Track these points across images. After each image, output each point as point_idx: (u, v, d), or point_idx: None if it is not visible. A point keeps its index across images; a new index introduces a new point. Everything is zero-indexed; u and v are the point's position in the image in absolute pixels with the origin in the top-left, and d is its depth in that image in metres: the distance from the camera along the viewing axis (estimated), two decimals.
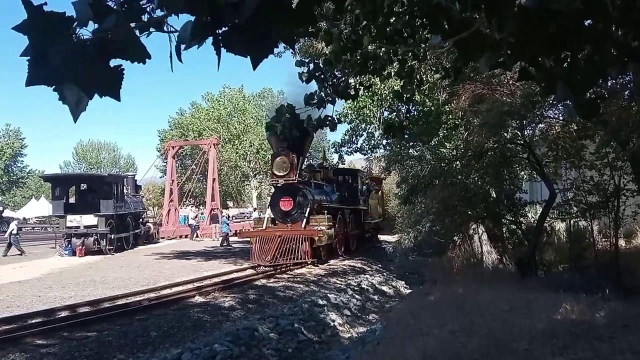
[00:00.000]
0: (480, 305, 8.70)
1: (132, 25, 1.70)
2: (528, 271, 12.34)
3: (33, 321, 9.89)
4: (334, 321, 11.54)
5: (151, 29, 1.77)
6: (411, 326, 8.48)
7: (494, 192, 14.72)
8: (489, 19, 2.20)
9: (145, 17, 1.78)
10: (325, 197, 20.53)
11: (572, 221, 14.06)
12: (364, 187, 25.88)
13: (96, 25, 1.66)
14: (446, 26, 2.28)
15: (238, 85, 62.98)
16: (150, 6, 1.77)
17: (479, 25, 2.21)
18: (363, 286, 15.55)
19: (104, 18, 1.62)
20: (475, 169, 13.82)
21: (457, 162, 14.25)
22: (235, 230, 27.14)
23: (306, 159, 26.73)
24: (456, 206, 14.25)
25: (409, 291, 16.75)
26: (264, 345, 9.13)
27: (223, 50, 1.80)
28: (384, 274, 19.03)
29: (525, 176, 15.91)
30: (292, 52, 16.87)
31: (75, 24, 1.63)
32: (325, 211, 19.29)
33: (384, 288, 16.66)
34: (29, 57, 1.64)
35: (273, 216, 19.02)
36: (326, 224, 18.15)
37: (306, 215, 18.16)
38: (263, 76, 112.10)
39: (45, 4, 1.63)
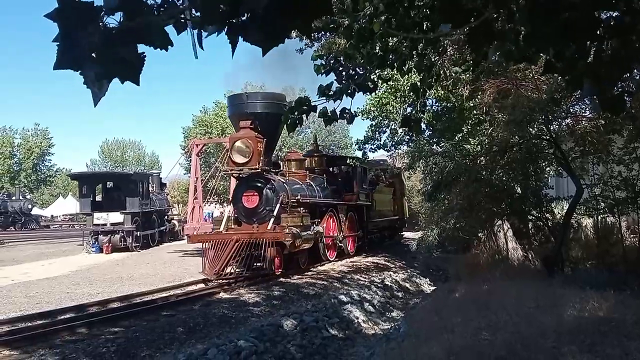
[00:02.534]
0: (506, 302, 8.61)
1: (156, 13, 1.76)
2: (554, 268, 12.17)
3: (62, 317, 10.09)
4: (357, 318, 11.55)
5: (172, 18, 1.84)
6: (436, 323, 8.43)
7: (519, 188, 14.54)
8: (498, 10, 2.18)
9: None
10: (307, 190, 16.90)
11: (599, 217, 13.84)
12: (368, 179, 22.39)
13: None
14: (456, 15, 2.26)
15: (259, 83, 63.19)
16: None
17: (488, 15, 2.19)
18: (387, 283, 15.52)
19: (130, 7, 1.69)
20: (501, 164, 13.67)
21: (482, 158, 14.11)
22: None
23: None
24: (481, 202, 14.11)
25: (433, 288, 16.68)
26: (289, 341, 9.17)
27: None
28: (408, 270, 18.98)
29: (551, 172, 15.70)
30: (311, 47, 16.90)
31: (102, 12, 1.72)
32: (301, 208, 15.72)
33: (408, 285, 16.62)
34: (58, 43, 1.74)
35: (237, 215, 15.51)
36: (301, 223, 14.65)
37: (274, 213, 14.68)
38: (284, 74, 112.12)
39: None
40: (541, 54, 2.30)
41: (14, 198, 47.88)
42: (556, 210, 15.74)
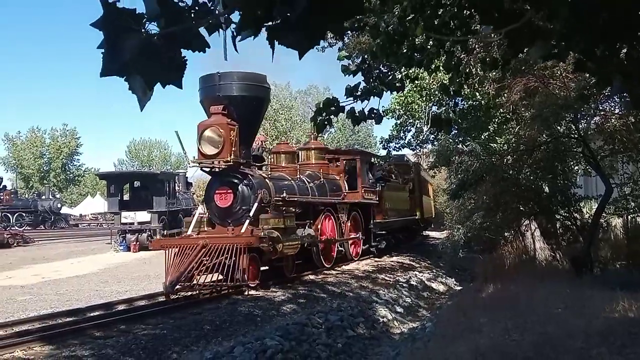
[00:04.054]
0: (534, 303, 8.53)
1: (194, 19, 1.80)
2: (583, 268, 12.00)
3: (92, 314, 10.26)
4: (383, 317, 11.53)
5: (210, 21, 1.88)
6: (462, 323, 8.38)
7: (547, 188, 14.37)
8: (538, 10, 2.17)
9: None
10: (297, 187, 14.56)
11: (629, 217, 13.64)
12: (376, 174, 19.95)
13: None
14: (497, 17, 2.26)
15: (284, 82, 63.58)
16: (211, 3, 1.87)
17: (530, 15, 2.18)
18: (412, 283, 15.46)
19: (170, 14, 1.73)
20: (528, 163, 13.53)
21: (509, 157, 13.98)
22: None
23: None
24: (507, 202, 13.99)
25: (459, 288, 16.57)
26: (314, 340, 9.19)
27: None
28: (433, 270, 18.89)
29: (579, 170, 15.50)
30: (331, 46, 16.89)
31: (144, 19, 1.76)
32: (291, 207, 13.66)
33: (434, 285, 16.54)
34: (103, 50, 1.77)
35: (210, 216, 13.25)
36: (282, 225, 12.39)
37: (251, 214, 12.32)
38: (308, 72, 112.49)
39: (118, 0, 1.77)
40: (571, 52, 2.27)
41: (43, 197, 48.84)
42: (585, 209, 15.54)
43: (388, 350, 9.56)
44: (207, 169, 13.06)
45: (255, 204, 12.37)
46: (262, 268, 12.76)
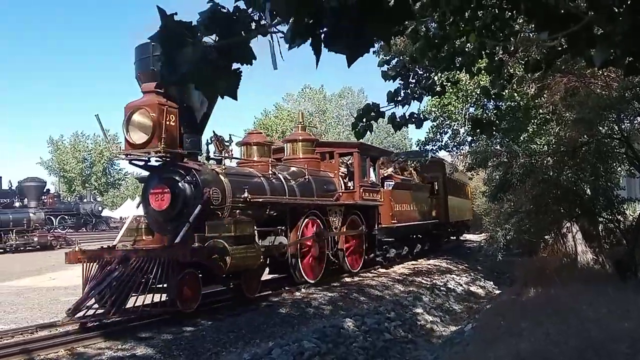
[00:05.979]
0: (576, 307, 8.35)
1: (244, 31, 1.85)
2: (627, 272, 11.71)
3: (132, 316, 10.42)
4: (420, 320, 11.46)
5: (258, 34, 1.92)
6: (502, 327, 8.28)
7: (589, 189, 14.07)
8: (598, 13, 2.14)
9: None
10: (267, 185, 11.98)
11: None
12: (382, 172, 17.81)
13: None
14: (551, 21, 2.23)
15: (318, 85, 63.97)
16: (258, 14, 1.91)
17: (589, 19, 2.15)
18: (450, 286, 15.32)
19: (223, 27, 1.78)
20: (569, 165, 13.27)
21: (549, 158, 13.73)
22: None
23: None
24: (548, 204, 13.74)
25: (498, 291, 16.34)
26: (351, 343, 9.19)
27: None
28: (471, 274, 18.67)
29: (622, 172, 15.13)
30: (374, 52, 16.82)
31: (199, 32, 1.81)
32: (267, 210, 11.84)
33: (472, 288, 16.35)
34: (161, 62, 1.84)
35: (148, 222, 10.96)
36: (232, 233, 9.70)
37: (191, 218, 9.78)
38: (344, 75, 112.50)
39: (176, 13, 1.82)
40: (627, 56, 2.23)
41: (85, 200, 50.08)
42: (628, 211, 15.16)
43: (426, 354, 9.49)
44: (140, 163, 10.64)
45: (199, 206, 9.91)
46: (219, 287, 11.25)
